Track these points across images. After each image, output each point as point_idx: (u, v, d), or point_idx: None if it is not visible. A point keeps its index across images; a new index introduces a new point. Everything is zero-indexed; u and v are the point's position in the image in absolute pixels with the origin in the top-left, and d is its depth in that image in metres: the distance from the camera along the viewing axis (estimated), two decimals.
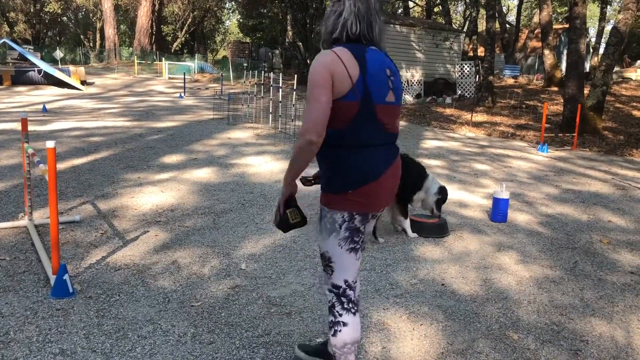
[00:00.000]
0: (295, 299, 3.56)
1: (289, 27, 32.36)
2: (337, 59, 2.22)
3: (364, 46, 2.30)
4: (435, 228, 5.04)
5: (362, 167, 2.30)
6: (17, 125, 10.21)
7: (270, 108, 12.47)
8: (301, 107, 12.80)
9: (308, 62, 28.59)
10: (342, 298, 2.46)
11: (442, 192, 5.07)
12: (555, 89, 20.46)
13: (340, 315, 2.45)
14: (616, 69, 23.81)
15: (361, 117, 2.26)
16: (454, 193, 6.79)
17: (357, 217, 2.36)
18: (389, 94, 2.33)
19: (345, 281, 2.46)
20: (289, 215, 2.48)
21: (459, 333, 3.23)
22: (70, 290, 3.41)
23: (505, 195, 5.60)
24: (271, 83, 13.78)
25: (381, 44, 2.38)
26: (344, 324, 2.44)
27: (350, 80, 2.21)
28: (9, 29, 46.74)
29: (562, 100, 14.60)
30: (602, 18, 32.35)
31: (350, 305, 2.46)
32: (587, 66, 29.75)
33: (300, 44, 31.12)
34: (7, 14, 45.71)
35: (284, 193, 2.46)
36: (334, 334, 2.44)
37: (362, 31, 2.30)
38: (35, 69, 20.78)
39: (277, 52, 39.52)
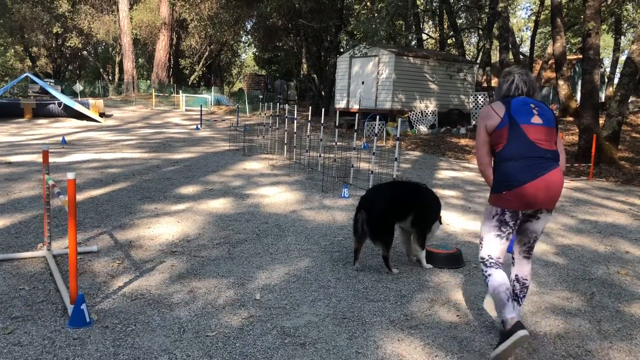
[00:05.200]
0: (310, 329, 3.56)
1: (303, 60, 32.81)
2: (491, 109, 3.39)
3: (513, 97, 3.42)
4: (450, 259, 5.03)
5: (510, 175, 3.25)
6: (37, 157, 10.42)
7: (285, 139, 12.60)
8: (315, 138, 12.90)
9: (322, 93, 28.88)
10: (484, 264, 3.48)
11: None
12: (571, 119, 20.41)
13: (486, 271, 3.43)
14: (632, 98, 23.73)
15: (512, 136, 3.28)
16: (469, 223, 6.78)
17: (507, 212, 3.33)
18: (534, 118, 3.31)
19: (489, 255, 3.45)
20: None
21: None
22: (87, 320, 3.45)
23: None
24: (286, 115, 13.94)
25: (535, 96, 3.48)
26: (490, 274, 3.39)
27: (498, 117, 3.33)
28: (31, 64, 47.95)
29: (577, 131, 14.56)
30: (617, 48, 32.39)
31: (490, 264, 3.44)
32: (603, 96, 29.66)
33: (314, 76, 31.50)
34: (30, 49, 46.95)
35: None
36: (487, 281, 3.39)
37: (527, 92, 3.45)
38: (56, 101, 21.25)
39: (292, 84, 40.07)
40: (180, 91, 33.17)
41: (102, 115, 21.80)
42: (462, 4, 31.62)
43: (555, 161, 3.28)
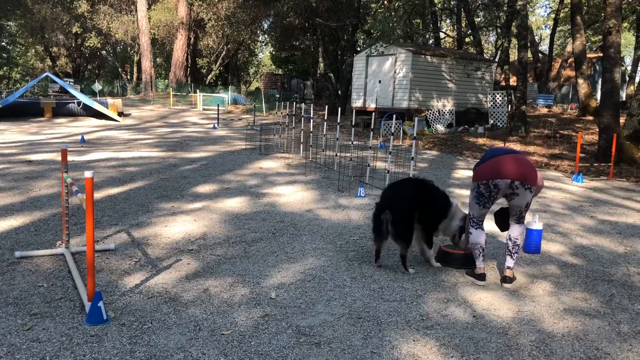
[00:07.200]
0: (325, 329, 3.56)
1: (320, 59, 32.80)
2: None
3: None
4: (467, 259, 4.98)
5: (486, 154, 4.53)
6: (56, 156, 10.54)
7: (302, 138, 12.61)
8: (331, 137, 12.89)
9: (339, 93, 28.86)
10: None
11: (465, 220, 4.96)
12: (590, 118, 20.17)
13: (469, 228, 4.63)
14: None
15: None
16: (486, 224, 6.70)
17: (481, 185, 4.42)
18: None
19: (472, 214, 4.61)
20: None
21: None
22: (105, 317, 3.48)
23: (538, 225, 5.52)
24: (302, 114, 13.95)
25: None
26: (471, 233, 4.59)
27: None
28: (51, 63, 48.58)
29: (597, 130, 14.38)
30: (638, 46, 31.87)
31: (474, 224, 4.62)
32: (623, 95, 29.27)
33: (331, 75, 31.49)
34: (50, 49, 47.56)
35: None
36: (469, 236, 4.63)
37: None
38: (75, 101, 21.49)
39: (308, 83, 40.05)
40: (198, 90, 33.37)
41: (120, 114, 22.00)
42: (480, 2, 31.38)
43: (523, 154, 4.51)
